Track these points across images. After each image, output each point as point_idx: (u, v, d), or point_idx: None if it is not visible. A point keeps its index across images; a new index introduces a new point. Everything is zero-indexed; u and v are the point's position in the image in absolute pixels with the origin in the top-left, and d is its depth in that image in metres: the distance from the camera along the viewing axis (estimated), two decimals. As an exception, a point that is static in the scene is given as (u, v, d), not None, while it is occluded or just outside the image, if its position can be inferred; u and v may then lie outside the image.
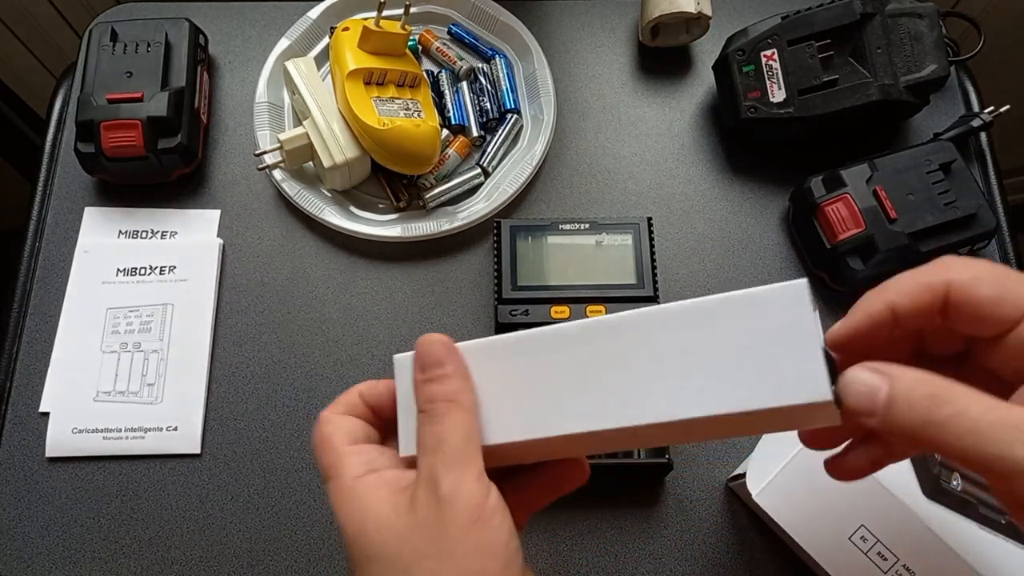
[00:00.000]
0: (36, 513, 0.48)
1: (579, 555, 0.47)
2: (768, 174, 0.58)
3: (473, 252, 0.55)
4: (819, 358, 0.24)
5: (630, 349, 0.27)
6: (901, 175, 0.51)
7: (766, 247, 0.56)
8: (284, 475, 0.49)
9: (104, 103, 0.53)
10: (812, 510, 0.39)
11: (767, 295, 0.25)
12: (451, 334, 0.53)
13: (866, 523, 0.38)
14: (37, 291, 0.54)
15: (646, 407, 0.26)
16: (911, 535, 0.38)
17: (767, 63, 0.53)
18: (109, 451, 0.50)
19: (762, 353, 0.25)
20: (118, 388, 0.51)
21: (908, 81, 0.53)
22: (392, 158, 0.52)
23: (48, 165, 0.58)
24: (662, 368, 0.26)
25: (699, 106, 0.60)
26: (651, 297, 0.49)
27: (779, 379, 0.24)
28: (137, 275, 0.54)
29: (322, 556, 0.47)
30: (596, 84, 0.61)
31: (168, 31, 0.56)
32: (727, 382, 0.25)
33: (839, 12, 0.53)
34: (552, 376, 0.28)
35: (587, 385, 0.27)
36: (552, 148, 0.58)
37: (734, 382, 0.25)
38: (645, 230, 0.51)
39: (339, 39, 0.54)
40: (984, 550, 0.38)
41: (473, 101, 0.58)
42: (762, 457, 0.42)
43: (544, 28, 0.63)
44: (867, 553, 0.38)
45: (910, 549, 0.38)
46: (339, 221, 0.54)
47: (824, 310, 0.54)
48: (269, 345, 0.53)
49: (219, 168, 0.58)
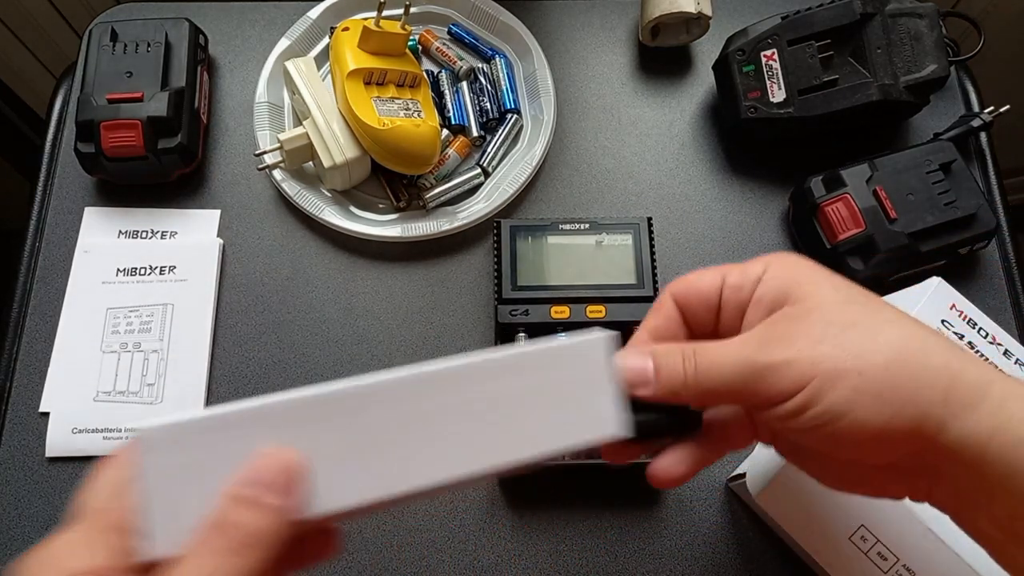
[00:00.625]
0: (36, 513, 0.48)
1: (579, 555, 0.47)
2: (768, 174, 0.58)
3: (473, 252, 0.55)
4: (611, 401, 0.28)
5: (439, 404, 0.26)
6: (901, 175, 0.51)
7: (766, 247, 0.56)
8: (284, 475, 0.49)
9: (104, 103, 0.53)
10: (812, 510, 0.39)
11: (568, 349, 0.28)
12: (451, 334, 0.53)
13: (866, 523, 0.38)
14: (37, 291, 0.54)
15: (453, 461, 0.26)
16: (911, 535, 0.38)
17: (767, 63, 0.53)
18: (109, 451, 0.49)
19: (563, 398, 0.27)
20: (118, 388, 0.51)
21: (908, 81, 0.53)
22: (392, 158, 0.52)
23: (48, 165, 0.58)
24: (472, 420, 0.26)
25: (699, 106, 0.61)
26: (651, 297, 0.49)
27: (578, 421, 0.27)
28: (137, 275, 0.54)
29: (322, 556, 0.47)
30: (596, 84, 0.61)
31: (168, 31, 0.56)
32: (532, 429, 0.27)
33: (839, 12, 0.53)
34: (362, 437, 0.25)
35: (400, 444, 0.26)
36: (552, 148, 0.58)
37: (540, 427, 0.27)
38: (645, 230, 0.51)
39: (339, 39, 0.54)
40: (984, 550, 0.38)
41: (473, 101, 0.58)
42: (762, 457, 0.42)
43: (544, 28, 0.63)
44: (867, 553, 0.38)
45: (910, 549, 0.38)
46: (339, 221, 0.54)
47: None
48: (269, 345, 0.53)
49: (219, 168, 0.58)
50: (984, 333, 0.44)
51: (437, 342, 0.53)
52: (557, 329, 0.49)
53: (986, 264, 0.55)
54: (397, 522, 0.48)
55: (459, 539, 0.48)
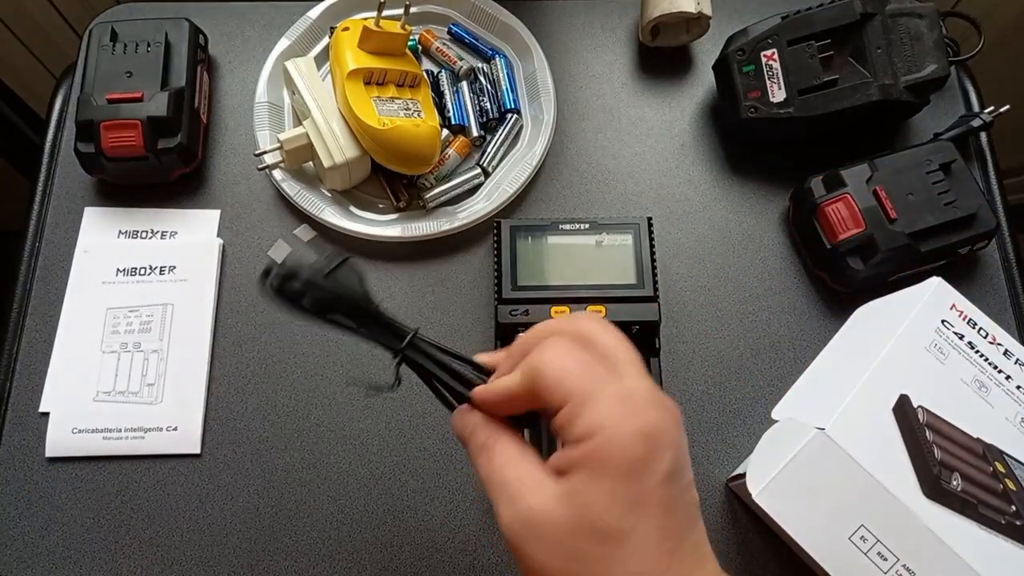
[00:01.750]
0: (36, 513, 0.48)
1: (579, 555, 0.47)
2: (768, 174, 0.58)
3: (473, 252, 0.55)
4: None
5: None
6: (901, 175, 0.51)
7: (766, 247, 0.56)
8: (284, 475, 0.49)
9: (104, 103, 0.53)
10: (812, 510, 0.39)
11: None
12: (451, 334, 0.53)
13: (866, 523, 0.38)
14: (37, 291, 0.54)
15: None
16: (911, 535, 0.38)
17: (767, 63, 0.53)
18: (109, 451, 0.50)
19: None
20: (118, 388, 0.51)
21: (908, 81, 0.53)
22: (392, 158, 0.52)
23: (48, 165, 0.58)
24: None
25: (699, 106, 0.61)
26: (651, 297, 0.49)
27: None
28: (137, 275, 0.54)
29: (322, 556, 0.47)
30: (596, 84, 0.61)
31: (168, 31, 0.56)
32: None
33: (839, 12, 0.53)
34: None
35: None
36: (552, 148, 0.58)
37: None
38: (645, 230, 0.51)
39: (339, 39, 0.54)
40: (984, 550, 0.38)
41: (473, 101, 0.58)
42: (762, 457, 0.42)
43: (544, 28, 0.63)
44: (867, 553, 0.38)
45: (910, 549, 0.38)
46: (339, 221, 0.54)
47: (824, 310, 0.54)
48: (269, 345, 0.53)
49: (219, 168, 0.58)
50: (984, 333, 0.44)
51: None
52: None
53: (986, 264, 0.55)
54: (397, 522, 0.48)
55: (459, 539, 0.48)
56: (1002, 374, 0.43)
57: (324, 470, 0.49)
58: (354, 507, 0.48)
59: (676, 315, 0.54)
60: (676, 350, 0.53)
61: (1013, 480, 0.41)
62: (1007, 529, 0.39)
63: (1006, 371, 0.43)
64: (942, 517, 0.38)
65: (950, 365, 0.43)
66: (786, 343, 0.53)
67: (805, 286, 0.55)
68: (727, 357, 0.52)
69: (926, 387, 0.41)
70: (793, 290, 0.54)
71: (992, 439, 0.41)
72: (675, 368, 0.52)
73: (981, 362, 0.43)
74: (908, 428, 0.40)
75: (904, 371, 0.41)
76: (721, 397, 0.51)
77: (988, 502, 0.39)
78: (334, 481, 0.49)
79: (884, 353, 0.42)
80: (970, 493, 0.39)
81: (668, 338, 0.53)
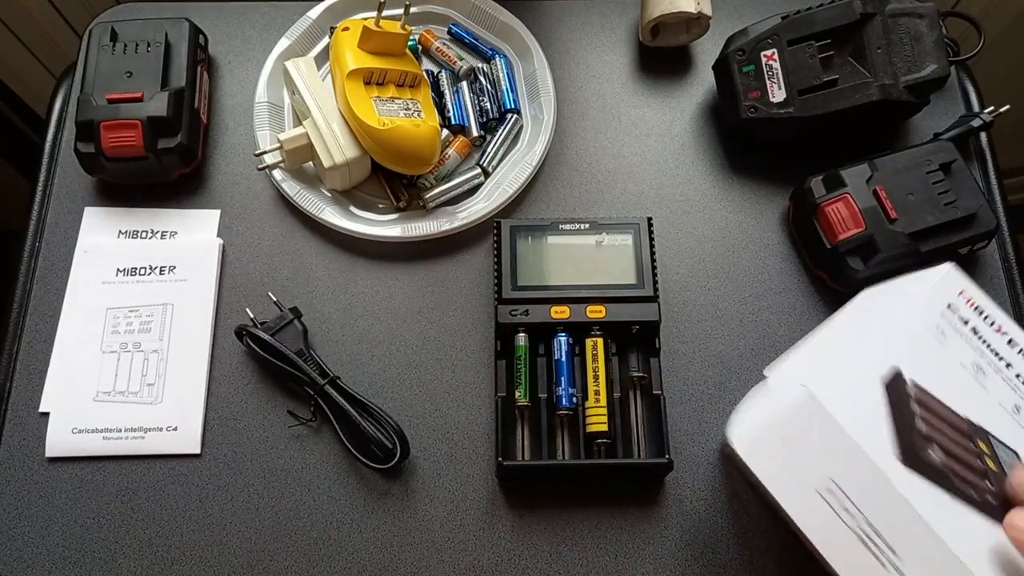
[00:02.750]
0: (36, 513, 0.48)
1: (579, 555, 0.47)
2: (768, 174, 0.58)
3: (473, 252, 0.55)
4: None
5: None
6: (901, 175, 0.51)
7: (766, 247, 0.56)
8: (284, 475, 0.49)
9: (104, 103, 0.53)
10: (784, 461, 0.39)
11: None
12: (451, 334, 0.53)
13: (836, 478, 0.38)
14: (37, 291, 0.54)
15: None
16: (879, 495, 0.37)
17: (767, 63, 0.53)
18: (109, 451, 0.50)
19: None
20: (118, 388, 0.51)
21: (908, 81, 0.53)
22: (392, 158, 0.52)
23: (48, 165, 0.58)
24: None
25: (699, 106, 0.61)
26: (651, 297, 0.49)
27: None
28: (137, 275, 0.54)
29: (322, 556, 0.47)
30: (596, 84, 0.61)
31: (168, 31, 0.56)
32: None
33: (839, 12, 0.53)
34: None
35: None
36: (552, 148, 0.58)
37: None
38: (645, 230, 0.51)
39: (339, 39, 0.54)
40: (952, 520, 0.37)
41: (473, 101, 0.58)
42: (746, 407, 0.42)
43: (544, 28, 0.63)
44: (832, 506, 0.38)
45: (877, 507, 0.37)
46: (339, 221, 0.54)
47: (824, 310, 0.54)
48: (269, 345, 0.53)
49: (219, 168, 0.58)
50: (991, 321, 0.44)
51: (437, 342, 0.53)
52: (557, 329, 0.49)
53: (986, 264, 0.55)
54: (397, 522, 0.48)
55: (459, 539, 0.48)
56: (1003, 361, 0.43)
57: (324, 470, 0.49)
58: (354, 507, 0.48)
59: (676, 315, 0.54)
60: (676, 350, 0.53)
61: (995, 461, 0.40)
62: (981, 505, 0.39)
63: (1008, 359, 0.43)
64: (915, 483, 0.38)
65: (950, 348, 0.42)
66: (786, 343, 0.53)
67: (805, 286, 0.55)
68: (727, 357, 0.52)
69: (921, 366, 0.41)
70: (793, 290, 0.54)
71: (982, 423, 0.41)
72: (675, 368, 0.52)
73: (982, 347, 0.43)
74: (896, 399, 0.39)
75: (901, 348, 0.41)
76: (721, 397, 0.51)
77: (965, 477, 0.39)
78: (334, 481, 0.49)
79: (883, 328, 0.42)
80: (948, 467, 0.39)
81: (668, 338, 0.53)
